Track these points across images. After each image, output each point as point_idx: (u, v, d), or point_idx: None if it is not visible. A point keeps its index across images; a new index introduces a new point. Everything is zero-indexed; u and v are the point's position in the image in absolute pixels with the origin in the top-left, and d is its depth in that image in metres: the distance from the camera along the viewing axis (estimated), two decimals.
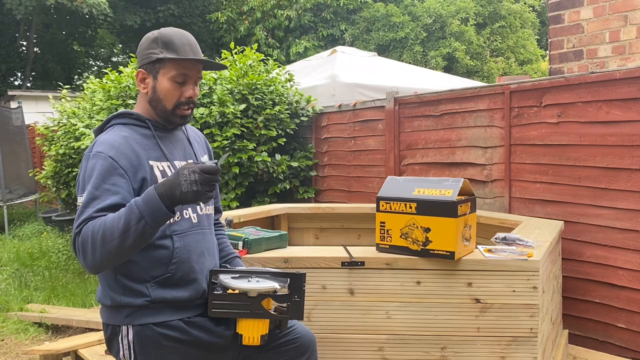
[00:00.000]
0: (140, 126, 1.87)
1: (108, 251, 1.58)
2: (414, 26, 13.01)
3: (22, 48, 18.32)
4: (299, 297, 1.82)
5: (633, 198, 3.06)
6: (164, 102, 1.85)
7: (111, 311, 1.80)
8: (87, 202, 1.66)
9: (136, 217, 1.57)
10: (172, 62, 1.82)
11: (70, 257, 6.84)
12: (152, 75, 1.85)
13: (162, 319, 1.78)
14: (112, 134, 1.81)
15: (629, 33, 4.21)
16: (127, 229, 1.57)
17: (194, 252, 1.86)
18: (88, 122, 5.85)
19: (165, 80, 1.83)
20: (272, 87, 5.36)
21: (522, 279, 2.25)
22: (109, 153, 1.73)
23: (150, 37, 1.86)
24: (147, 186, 1.74)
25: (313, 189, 5.52)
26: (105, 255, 1.59)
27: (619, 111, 3.12)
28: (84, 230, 1.61)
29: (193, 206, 1.89)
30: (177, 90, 1.84)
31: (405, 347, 2.30)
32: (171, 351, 1.78)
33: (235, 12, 14.41)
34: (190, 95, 1.86)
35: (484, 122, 3.90)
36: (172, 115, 1.87)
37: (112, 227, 1.58)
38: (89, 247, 1.59)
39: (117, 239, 1.57)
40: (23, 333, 4.46)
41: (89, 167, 1.73)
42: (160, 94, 1.84)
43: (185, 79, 1.84)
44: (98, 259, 1.60)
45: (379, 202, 2.40)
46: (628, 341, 3.11)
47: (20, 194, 10.12)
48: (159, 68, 1.83)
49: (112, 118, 1.90)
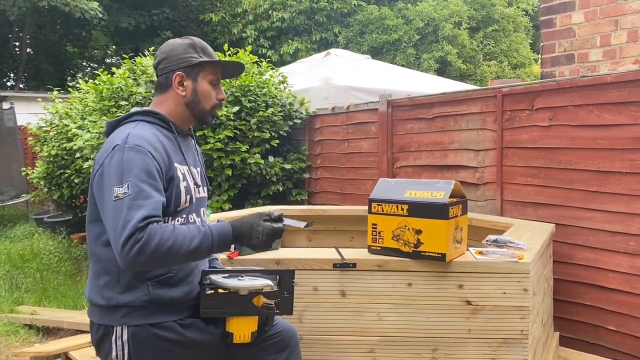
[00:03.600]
0: (164, 127, 1.89)
1: (169, 259, 1.65)
2: (407, 29, 13.05)
3: (15, 49, 18.22)
4: (289, 293, 1.86)
5: (623, 201, 3.07)
6: (203, 103, 1.94)
7: (105, 311, 1.79)
8: (136, 194, 1.64)
9: (208, 244, 1.70)
10: (210, 66, 1.94)
11: (62, 259, 6.80)
12: (192, 78, 1.92)
13: (158, 320, 1.78)
14: (142, 130, 1.80)
15: (620, 37, 4.24)
16: (197, 249, 1.68)
17: None
18: (80, 123, 5.83)
19: (205, 83, 1.93)
20: (265, 89, 5.36)
21: (513, 281, 2.26)
22: (148, 148, 1.73)
23: (185, 43, 1.94)
24: (174, 185, 1.80)
25: (306, 191, 5.52)
26: (164, 261, 1.66)
27: (609, 115, 3.14)
28: (152, 230, 1.61)
29: (197, 212, 1.94)
30: (213, 92, 1.96)
31: (397, 348, 2.31)
32: (166, 352, 1.79)
33: (229, 14, 14.41)
34: (222, 98, 2.00)
35: (476, 125, 3.91)
36: (208, 115, 1.97)
37: (182, 243, 1.65)
38: (151, 248, 1.60)
39: (183, 253, 1.66)
40: (13, 335, 4.43)
41: (126, 159, 1.69)
42: (201, 96, 1.93)
43: (218, 82, 1.99)
44: (152, 260, 1.62)
45: (371, 204, 2.41)
46: (618, 343, 3.13)
47: (12, 195, 10.06)
48: (199, 71, 1.92)
49: (134, 114, 1.89)
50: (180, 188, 1.82)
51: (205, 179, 2.09)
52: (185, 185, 1.85)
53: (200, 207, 1.97)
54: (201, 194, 1.99)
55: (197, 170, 2.00)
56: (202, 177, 2.06)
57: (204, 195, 2.04)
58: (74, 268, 6.54)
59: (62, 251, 7.14)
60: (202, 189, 2.02)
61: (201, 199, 1.99)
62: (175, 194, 1.80)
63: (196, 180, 1.94)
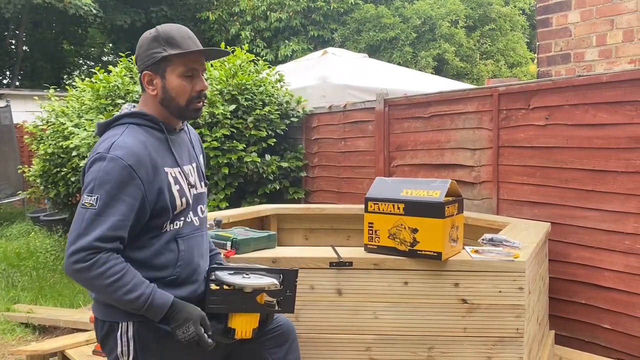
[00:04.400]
0: (154, 128, 1.83)
1: (105, 290, 1.67)
2: (404, 27, 13.06)
3: (10, 47, 18.16)
4: (291, 292, 1.88)
5: (619, 200, 3.09)
6: (177, 100, 1.82)
7: (110, 308, 1.79)
8: (101, 209, 1.65)
9: (144, 300, 1.68)
10: (178, 58, 1.79)
11: (58, 258, 6.79)
12: (160, 75, 1.81)
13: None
14: (129, 137, 1.74)
15: (616, 37, 4.25)
16: (128, 303, 1.68)
17: (196, 254, 1.90)
18: (77, 122, 5.81)
19: (174, 78, 1.80)
20: (262, 88, 5.36)
21: (509, 279, 2.27)
22: (129, 161, 1.68)
23: (150, 37, 1.82)
24: (163, 196, 1.76)
25: (303, 189, 5.52)
26: (100, 291, 1.71)
27: (605, 114, 3.15)
28: (101, 260, 1.64)
29: (195, 210, 1.91)
30: (188, 85, 1.81)
31: (393, 347, 2.31)
32: (171, 348, 1.79)
33: (226, 13, 14.39)
34: (202, 88, 1.83)
35: (472, 124, 3.92)
36: (187, 111, 1.84)
37: (124, 285, 1.66)
38: (91, 274, 1.64)
39: (120, 293, 1.66)
40: (10, 333, 4.43)
41: (104, 169, 1.67)
42: (172, 92, 1.81)
43: (194, 72, 1.82)
44: (86, 283, 1.68)
45: (367, 202, 2.42)
46: (613, 342, 3.14)
47: (8, 193, 10.04)
48: (166, 66, 1.80)
49: (123, 116, 1.83)
50: (173, 192, 1.80)
51: (202, 171, 2.03)
52: (179, 189, 1.82)
53: (198, 204, 1.94)
54: (199, 190, 1.95)
55: (192, 167, 1.94)
56: (200, 170, 2.01)
57: (202, 191, 1.99)
58: None
59: (59, 249, 7.12)
60: (200, 185, 1.98)
61: (199, 196, 1.95)
62: (169, 200, 1.78)
63: (189, 181, 1.88)
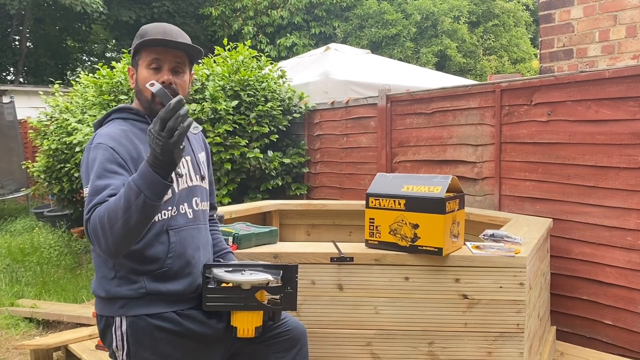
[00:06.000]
0: (139, 121, 1.89)
1: (117, 233, 1.55)
2: (406, 23, 13.03)
3: (15, 43, 18.19)
4: (292, 288, 1.85)
5: (621, 196, 3.09)
6: (144, 92, 1.84)
7: (105, 303, 1.81)
8: (92, 190, 1.67)
9: (135, 193, 1.53)
10: (145, 50, 1.83)
11: (62, 253, 6.83)
12: (135, 68, 1.88)
13: (156, 310, 1.79)
14: (111, 128, 1.83)
15: (618, 33, 4.24)
16: (128, 207, 1.53)
17: (190, 247, 1.87)
18: (80, 117, 5.83)
19: (142, 70, 1.84)
20: (264, 84, 5.36)
21: (509, 275, 2.27)
22: (109, 144, 1.75)
23: (138, 33, 1.90)
24: None
25: (305, 185, 5.53)
26: (115, 237, 1.56)
27: (607, 110, 3.14)
28: (92, 217, 1.60)
29: (189, 202, 1.90)
30: (153, 77, 1.81)
31: (393, 342, 2.32)
32: (164, 342, 1.79)
33: (229, 8, 14.38)
34: (164, 80, 1.81)
35: (475, 120, 3.92)
36: (154, 104, 1.84)
37: (115, 208, 1.55)
38: (100, 232, 1.58)
39: (120, 219, 1.54)
40: (14, 328, 4.46)
41: (90, 158, 1.75)
42: (140, 84, 1.85)
43: (159, 64, 1.83)
44: (110, 242, 1.57)
45: (369, 198, 2.42)
46: (614, 338, 3.15)
47: (12, 189, 10.08)
48: (138, 59, 1.86)
49: (112, 112, 1.92)
50: None
51: (200, 165, 2.01)
52: None
53: (192, 196, 1.92)
54: (194, 182, 1.94)
55: (186, 159, 1.93)
56: (196, 164, 1.99)
57: (198, 184, 1.97)
58: (74, 262, 6.57)
59: (62, 245, 7.16)
60: (195, 177, 1.96)
61: (191, 189, 1.93)
62: None
63: (177, 171, 1.87)
